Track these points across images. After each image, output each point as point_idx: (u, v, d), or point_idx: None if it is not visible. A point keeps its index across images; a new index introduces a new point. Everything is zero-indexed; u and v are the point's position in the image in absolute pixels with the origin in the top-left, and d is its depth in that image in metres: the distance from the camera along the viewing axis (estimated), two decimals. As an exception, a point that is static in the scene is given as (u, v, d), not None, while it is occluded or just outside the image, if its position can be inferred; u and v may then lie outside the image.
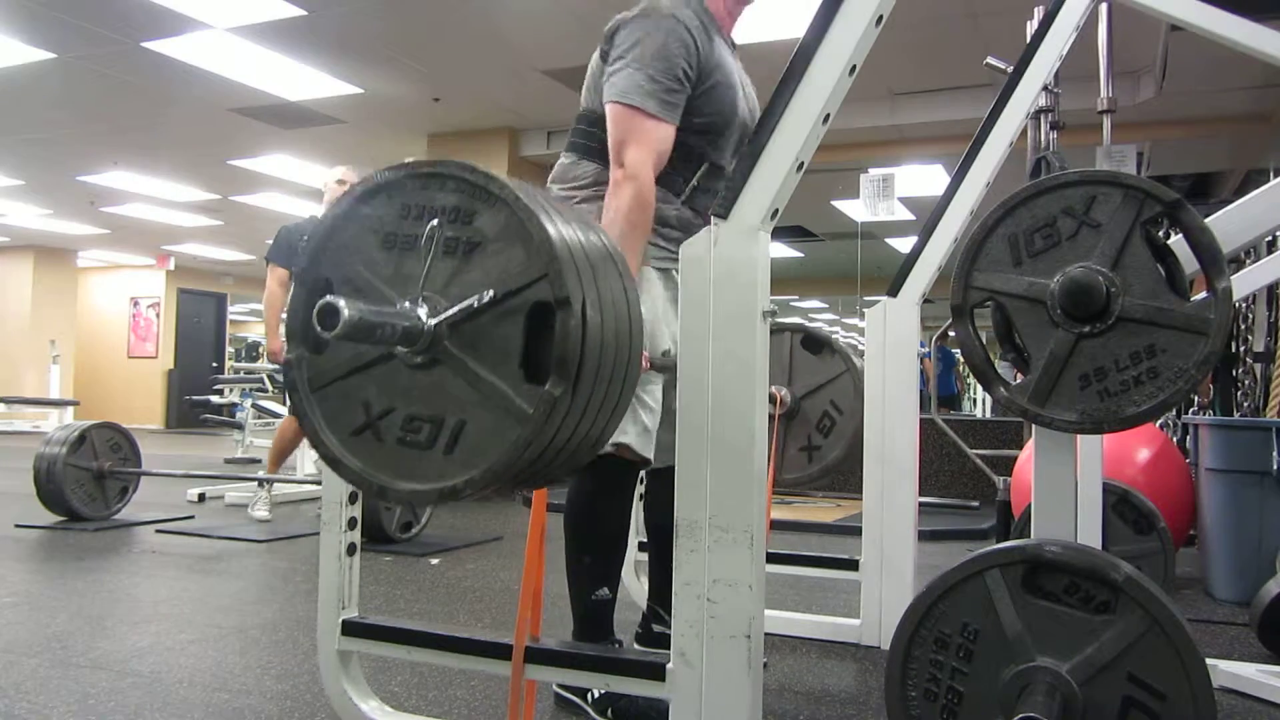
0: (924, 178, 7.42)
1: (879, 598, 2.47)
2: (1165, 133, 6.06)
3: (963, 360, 10.57)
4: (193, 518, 4.63)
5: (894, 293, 2.48)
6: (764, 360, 1.36)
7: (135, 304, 14.54)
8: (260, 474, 4.60)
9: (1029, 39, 2.33)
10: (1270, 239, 3.57)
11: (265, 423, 7.06)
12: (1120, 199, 1.45)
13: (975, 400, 15.50)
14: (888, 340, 2.47)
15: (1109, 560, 1.28)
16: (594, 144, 1.87)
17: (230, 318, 15.56)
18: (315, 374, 1.20)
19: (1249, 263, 3.32)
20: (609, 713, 1.85)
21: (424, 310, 1.12)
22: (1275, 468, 3.02)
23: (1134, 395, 1.44)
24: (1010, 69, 2.36)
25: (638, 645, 2.20)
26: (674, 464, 1.38)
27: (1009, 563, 1.31)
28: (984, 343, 1.60)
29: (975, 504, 5.45)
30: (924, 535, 3.10)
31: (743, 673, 1.32)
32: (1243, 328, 4.37)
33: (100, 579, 3.20)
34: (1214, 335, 1.39)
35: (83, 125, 7.02)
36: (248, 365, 10.61)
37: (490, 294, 1.10)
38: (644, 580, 2.60)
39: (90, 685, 2.06)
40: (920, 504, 2.58)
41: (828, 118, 1.36)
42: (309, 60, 5.58)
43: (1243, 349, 4.37)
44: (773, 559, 2.55)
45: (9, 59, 5.56)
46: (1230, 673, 2.17)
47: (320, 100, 6.27)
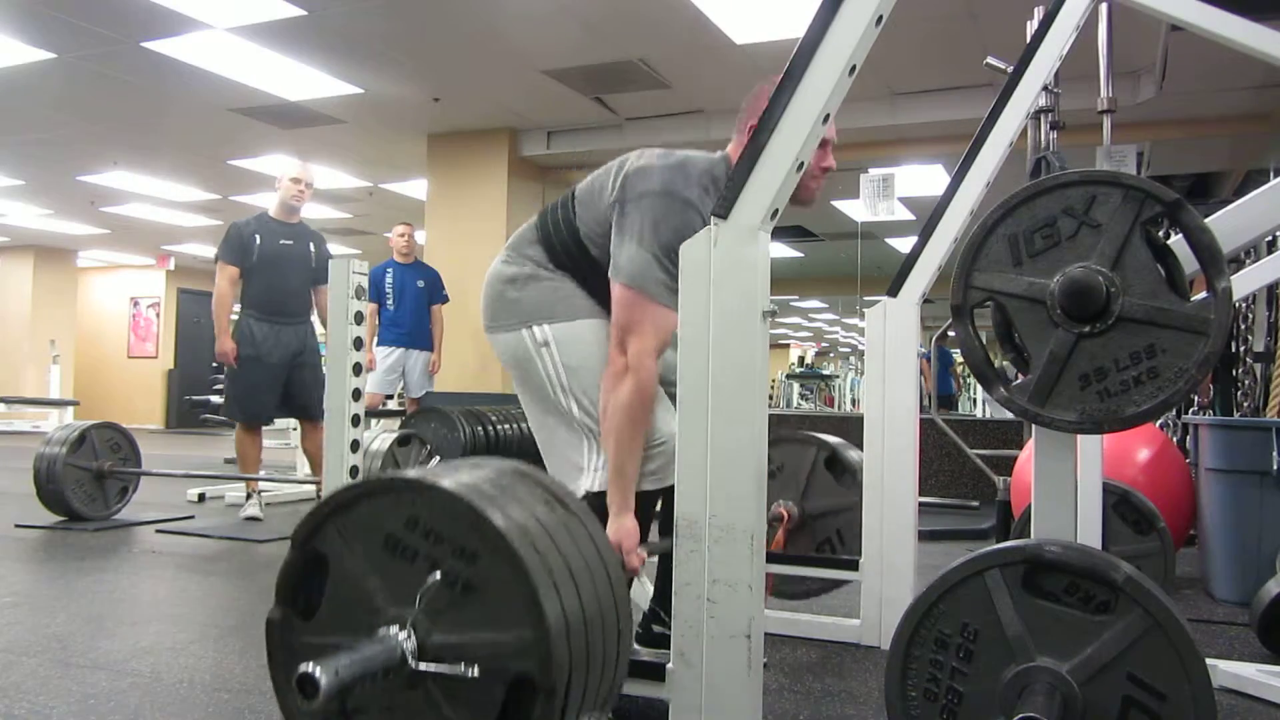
0: (924, 178, 7.42)
1: (879, 598, 2.47)
2: (1165, 133, 6.06)
3: (961, 360, 10.59)
4: (193, 518, 4.63)
5: (894, 293, 2.48)
6: (764, 360, 1.36)
7: (135, 304, 14.54)
8: (246, 476, 4.59)
9: (1029, 39, 2.33)
10: (1270, 239, 3.57)
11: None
12: (1120, 199, 1.45)
13: (975, 400, 15.50)
14: (888, 340, 2.47)
15: (1109, 560, 1.28)
16: (555, 239, 1.93)
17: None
18: (300, 639, 1.19)
19: (1249, 263, 3.32)
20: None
21: (409, 642, 1.10)
22: (1275, 468, 3.01)
23: (1134, 395, 1.43)
24: (1010, 69, 2.36)
25: (638, 646, 2.20)
26: None
27: (1009, 563, 1.31)
28: (984, 343, 1.60)
29: (975, 504, 5.45)
30: (924, 535, 3.10)
31: (743, 673, 1.32)
32: (1243, 328, 4.37)
33: (100, 579, 3.20)
34: (1214, 335, 1.39)
35: (83, 125, 7.02)
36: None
37: (474, 676, 1.08)
38: (644, 581, 2.60)
39: (90, 685, 2.06)
40: (920, 504, 2.58)
41: (828, 118, 1.36)
42: (309, 60, 5.58)
43: (1243, 349, 4.37)
44: (773, 559, 2.55)
45: (9, 59, 5.56)
46: (1230, 673, 2.17)
47: (320, 100, 6.28)
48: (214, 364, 4.95)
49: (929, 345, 9.19)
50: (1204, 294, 1.42)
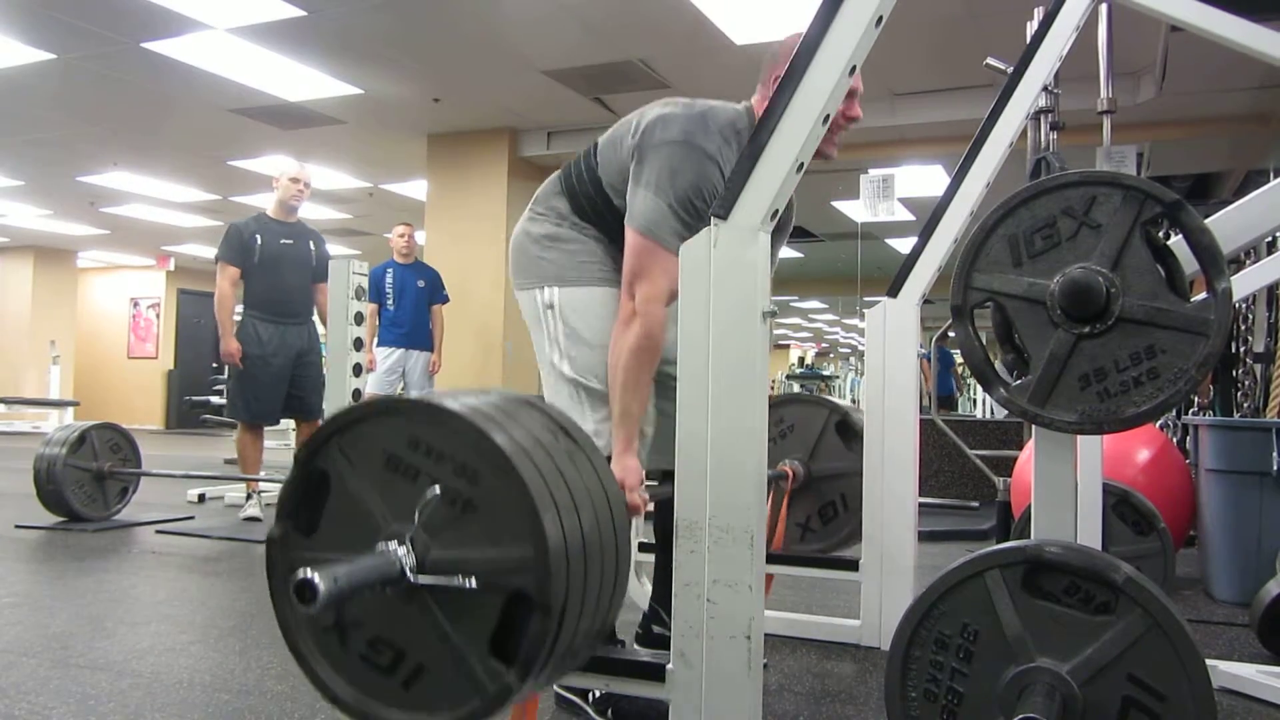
0: (924, 178, 7.42)
1: (879, 598, 2.47)
2: (1165, 133, 6.06)
3: (961, 361, 10.58)
4: (193, 518, 4.63)
5: (894, 293, 2.48)
6: (764, 361, 1.36)
7: (135, 304, 14.54)
8: (246, 477, 4.60)
9: (1029, 39, 2.33)
10: (1270, 240, 3.57)
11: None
12: (1120, 200, 1.45)
13: (975, 400, 15.50)
14: (888, 341, 2.47)
15: (1109, 561, 1.28)
16: (579, 190, 1.92)
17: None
18: (297, 555, 1.19)
19: (1249, 263, 3.32)
20: (609, 713, 1.85)
21: (408, 554, 1.11)
22: (1275, 468, 3.01)
23: (1134, 396, 1.44)
24: (1010, 69, 2.36)
25: (638, 646, 2.20)
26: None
27: (1009, 563, 1.31)
28: (984, 343, 1.60)
29: (975, 504, 5.45)
30: (924, 536, 3.10)
31: (743, 673, 1.32)
32: (1243, 328, 4.37)
33: (100, 579, 3.20)
34: (1214, 336, 1.39)
35: (83, 125, 7.02)
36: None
37: (471, 586, 1.09)
38: (645, 581, 2.60)
39: (90, 686, 2.06)
40: (920, 504, 2.58)
41: (828, 118, 1.36)
42: (309, 61, 5.58)
43: (1243, 350, 4.37)
44: (773, 559, 2.55)
45: (9, 59, 5.56)
46: (1230, 673, 2.17)
47: (320, 101, 6.28)
48: (214, 364, 4.94)
49: (929, 346, 9.19)
50: (1204, 295, 1.42)
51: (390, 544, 1.11)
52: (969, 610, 1.32)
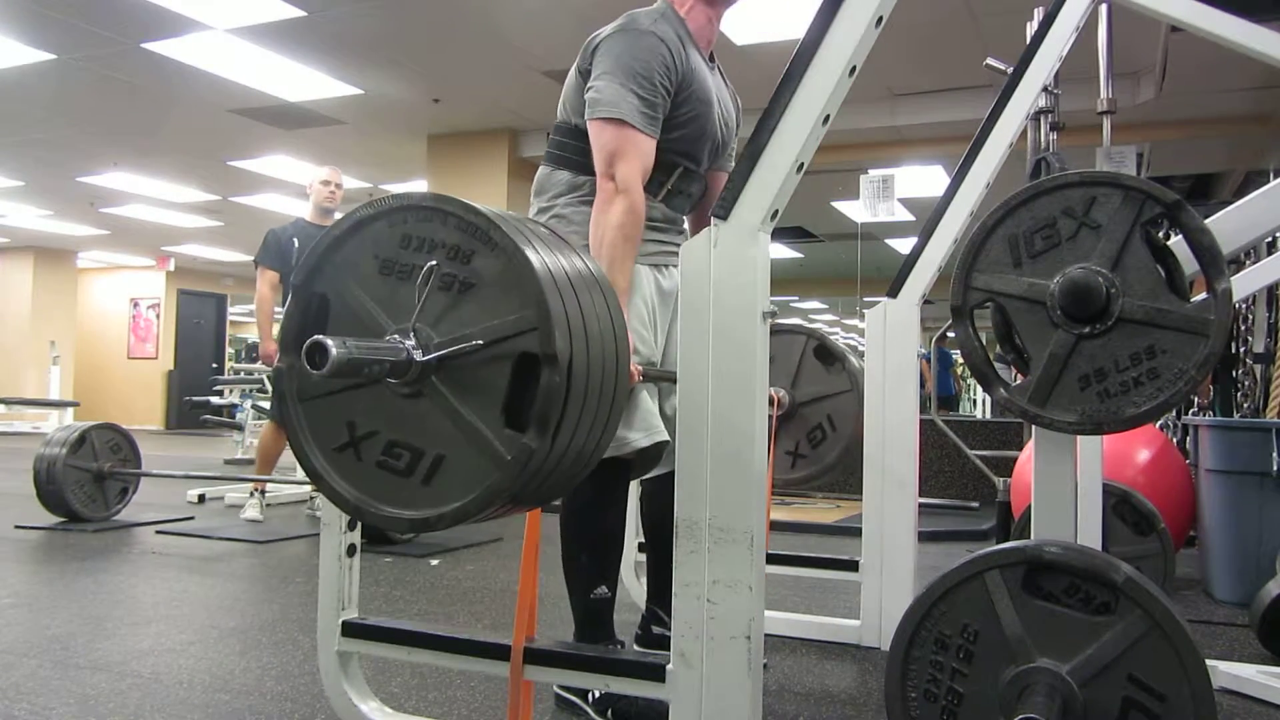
0: (924, 178, 7.42)
1: (879, 599, 2.47)
2: (1165, 133, 6.06)
3: (960, 361, 10.59)
4: (193, 519, 4.63)
5: (894, 294, 2.48)
6: (764, 361, 1.36)
7: (135, 305, 14.54)
8: (253, 476, 4.61)
9: (1029, 40, 2.33)
10: (1270, 240, 3.57)
11: (265, 423, 7.06)
12: (1120, 200, 1.45)
13: (975, 401, 15.50)
14: (888, 341, 2.47)
15: (1109, 561, 1.28)
16: (568, 154, 1.91)
17: (230, 319, 15.56)
18: (305, 385, 1.21)
19: (1249, 263, 3.32)
20: (609, 713, 1.85)
21: (413, 343, 1.13)
22: (1275, 468, 3.01)
23: (1134, 396, 1.44)
24: (1010, 70, 2.36)
25: (638, 646, 2.20)
26: (671, 469, 1.38)
27: (1009, 564, 1.31)
28: (984, 343, 1.60)
29: (975, 505, 5.45)
30: (924, 536, 3.09)
31: (743, 674, 1.32)
32: (1243, 329, 4.37)
33: (100, 580, 3.20)
34: (1214, 336, 1.39)
35: (83, 126, 7.02)
36: (247, 366, 10.60)
37: (478, 343, 1.11)
38: (644, 581, 2.60)
39: (90, 686, 2.06)
40: (920, 505, 2.58)
41: (828, 119, 1.36)
42: (309, 61, 5.58)
43: (1243, 350, 4.37)
44: (773, 560, 2.55)
45: (9, 60, 5.56)
46: (1230, 674, 2.17)
47: (320, 101, 6.28)
48: (214, 364, 4.94)
49: (929, 346, 9.20)
50: (1204, 295, 1.42)
51: (395, 335, 1.13)
52: (969, 610, 1.32)
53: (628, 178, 1.76)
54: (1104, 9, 3.26)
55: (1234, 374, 4.43)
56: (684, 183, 1.96)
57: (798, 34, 1.38)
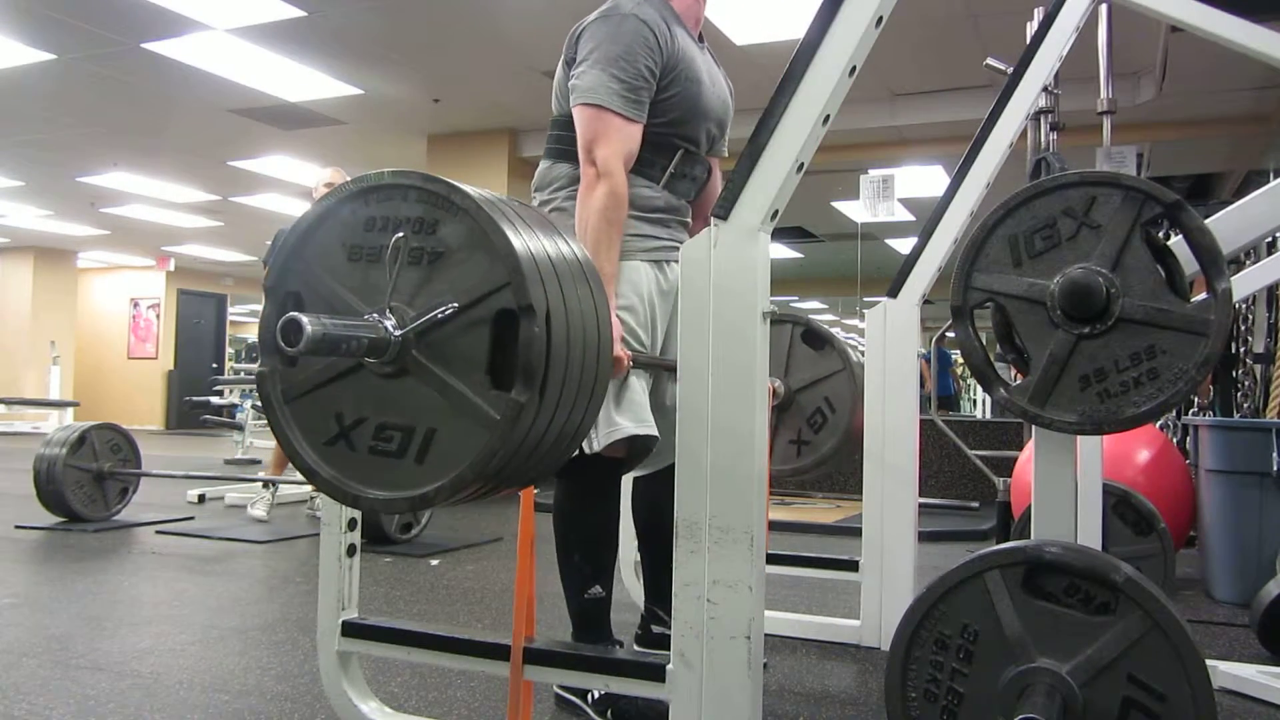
0: (924, 179, 7.42)
1: (879, 599, 2.47)
2: (1165, 134, 6.06)
3: (960, 361, 10.58)
4: (193, 519, 4.63)
5: (894, 294, 2.48)
6: (764, 362, 1.36)
7: (135, 305, 14.54)
8: (263, 475, 4.61)
9: (1029, 40, 2.33)
10: (1270, 240, 3.57)
11: (265, 423, 7.06)
12: (1120, 200, 1.45)
13: (975, 401, 15.50)
14: (888, 341, 2.47)
15: (1109, 561, 1.28)
16: (566, 147, 1.91)
17: (230, 319, 15.56)
18: (288, 386, 1.21)
19: (1249, 263, 3.32)
20: (609, 713, 1.85)
21: (390, 322, 1.13)
22: (1275, 469, 3.01)
23: (1134, 396, 1.43)
24: (1010, 70, 2.36)
25: (637, 646, 2.20)
26: (663, 465, 1.38)
27: (1009, 564, 1.31)
28: (984, 343, 1.60)
29: (975, 505, 5.45)
30: (924, 536, 3.09)
31: (743, 674, 1.32)
32: (1243, 329, 4.37)
33: (100, 580, 3.20)
34: (1214, 336, 1.39)
35: (83, 126, 7.02)
36: (248, 366, 10.59)
37: (453, 306, 1.11)
38: (642, 581, 2.60)
39: (90, 686, 2.06)
40: (920, 505, 2.58)
41: (828, 119, 1.36)
42: (309, 61, 5.58)
43: (1243, 350, 4.38)
44: (773, 560, 2.55)
45: (9, 60, 5.56)
46: (1230, 674, 2.17)
47: (320, 101, 6.28)
48: (214, 365, 4.95)
49: (929, 346, 9.19)
50: (1204, 295, 1.42)
51: (371, 317, 1.13)
52: (969, 610, 1.32)
53: (608, 161, 1.76)
54: (1104, 9, 3.26)
55: (1234, 374, 4.43)
56: (686, 165, 1.96)
57: (798, 34, 1.38)
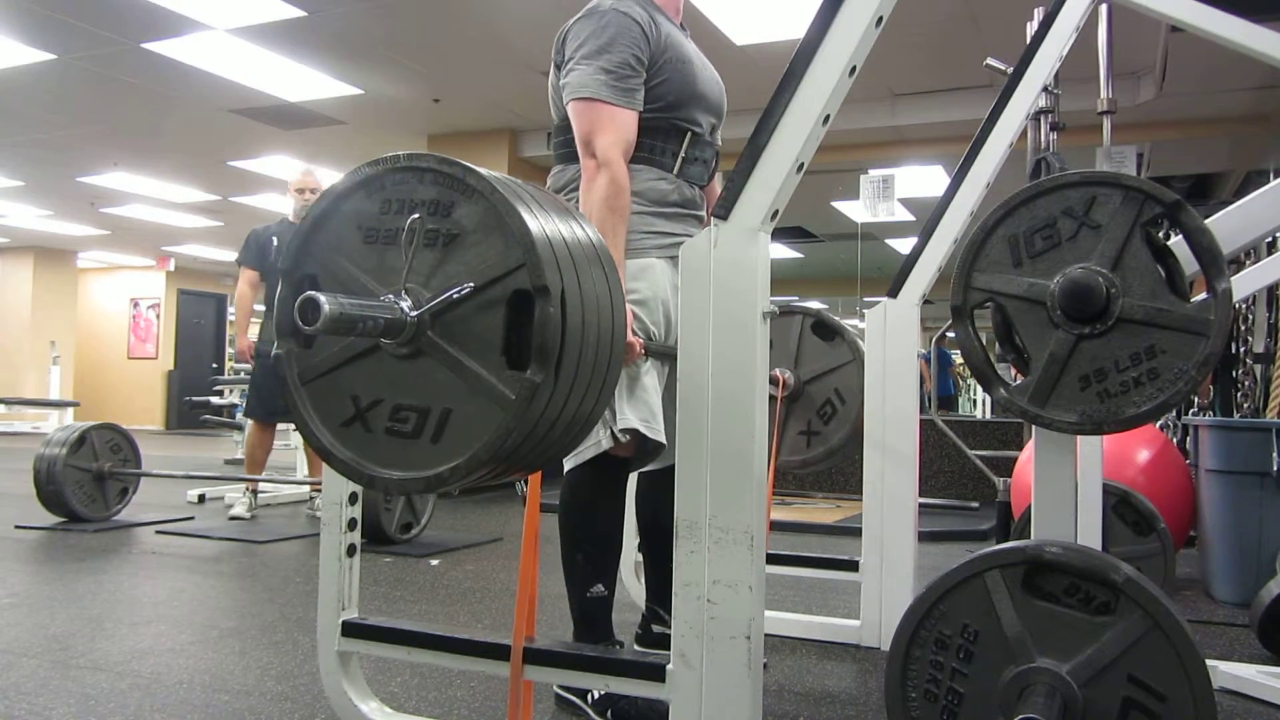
0: (924, 179, 7.42)
1: (879, 598, 2.47)
2: (1165, 134, 6.06)
3: (960, 361, 10.59)
4: (193, 519, 4.63)
5: (894, 294, 2.48)
6: (764, 362, 1.36)
7: (135, 305, 14.53)
8: (246, 477, 4.63)
9: (1029, 40, 2.33)
10: (1270, 240, 3.57)
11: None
12: (1120, 200, 1.45)
13: (975, 401, 15.50)
14: (888, 341, 2.47)
15: (1109, 561, 1.28)
16: (571, 149, 1.91)
17: (230, 319, 15.56)
18: (304, 368, 1.22)
19: (1249, 264, 3.32)
20: (609, 713, 1.85)
21: (406, 303, 1.13)
22: (1275, 468, 3.01)
23: (1134, 396, 1.44)
24: (1010, 70, 2.36)
25: (638, 646, 2.20)
26: (668, 464, 1.38)
27: (1009, 564, 1.31)
28: (984, 343, 1.60)
29: (975, 505, 5.45)
30: (924, 536, 3.10)
31: (743, 674, 1.32)
32: (1243, 329, 4.37)
33: (100, 580, 3.20)
34: (1214, 336, 1.39)
35: (83, 126, 7.02)
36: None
37: (469, 286, 1.11)
38: (644, 580, 2.60)
39: (90, 686, 2.06)
40: (920, 505, 2.58)
41: (828, 118, 1.36)
42: (309, 61, 5.58)
43: (1243, 350, 4.38)
44: (773, 560, 2.55)
45: (9, 60, 5.56)
46: (1231, 674, 2.17)
47: (320, 101, 6.27)
48: (213, 365, 4.95)
49: (929, 346, 9.20)
50: (1204, 295, 1.42)
51: (387, 297, 1.14)
52: (969, 610, 1.32)
53: (606, 151, 1.77)
54: (1104, 9, 3.26)
55: (1234, 374, 4.43)
56: (696, 149, 1.97)
57: (798, 34, 1.38)
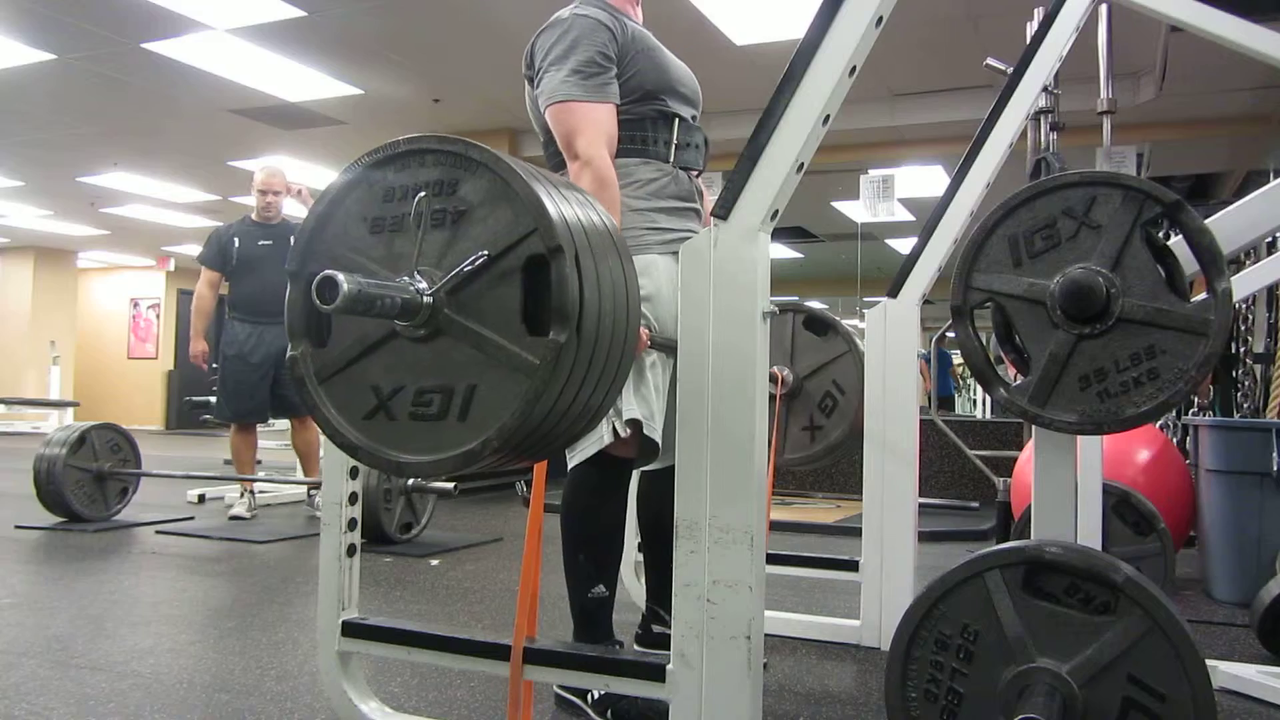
0: (924, 179, 7.42)
1: (879, 599, 2.47)
2: (1165, 134, 6.06)
3: (960, 361, 10.58)
4: (193, 519, 4.63)
5: (894, 294, 2.48)
6: (764, 362, 1.36)
7: (135, 305, 14.54)
8: (244, 478, 4.64)
9: (1029, 40, 2.33)
10: (1270, 240, 3.57)
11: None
12: (1120, 200, 1.45)
13: (975, 401, 15.49)
14: (888, 341, 2.47)
15: (1109, 561, 1.28)
16: (561, 157, 1.92)
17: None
18: (321, 366, 1.21)
19: (1249, 264, 3.32)
20: (609, 713, 1.85)
21: (422, 283, 1.13)
22: (1275, 468, 3.01)
23: (1134, 396, 1.44)
24: (1010, 70, 2.36)
25: (638, 646, 2.20)
26: (670, 464, 1.38)
27: (1009, 564, 1.31)
28: (984, 343, 1.60)
29: (975, 505, 5.45)
30: (924, 536, 3.10)
31: (743, 674, 1.32)
32: (1243, 329, 4.37)
33: (100, 580, 3.20)
34: (1214, 336, 1.39)
35: (83, 126, 7.02)
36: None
37: (484, 254, 1.11)
38: (644, 581, 2.60)
39: (90, 686, 2.06)
40: (920, 505, 2.58)
41: (828, 119, 1.36)
42: (309, 61, 5.58)
43: (1243, 350, 4.38)
44: (773, 560, 2.55)
45: (9, 60, 5.56)
46: (1230, 674, 2.17)
47: (320, 101, 6.28)
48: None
49: (929, 346, 9.19)
50: (1204, 295, 1.42)
51: (403, 279, 1.13)
52: (969, 610, 1.32)
53: (587, 148, 1.78)
54: (1104, 9, 3.26)
55: (1234, 374, 4.43)
56: (686, 135, 2.00)
57: (798, 34, 1.38)
